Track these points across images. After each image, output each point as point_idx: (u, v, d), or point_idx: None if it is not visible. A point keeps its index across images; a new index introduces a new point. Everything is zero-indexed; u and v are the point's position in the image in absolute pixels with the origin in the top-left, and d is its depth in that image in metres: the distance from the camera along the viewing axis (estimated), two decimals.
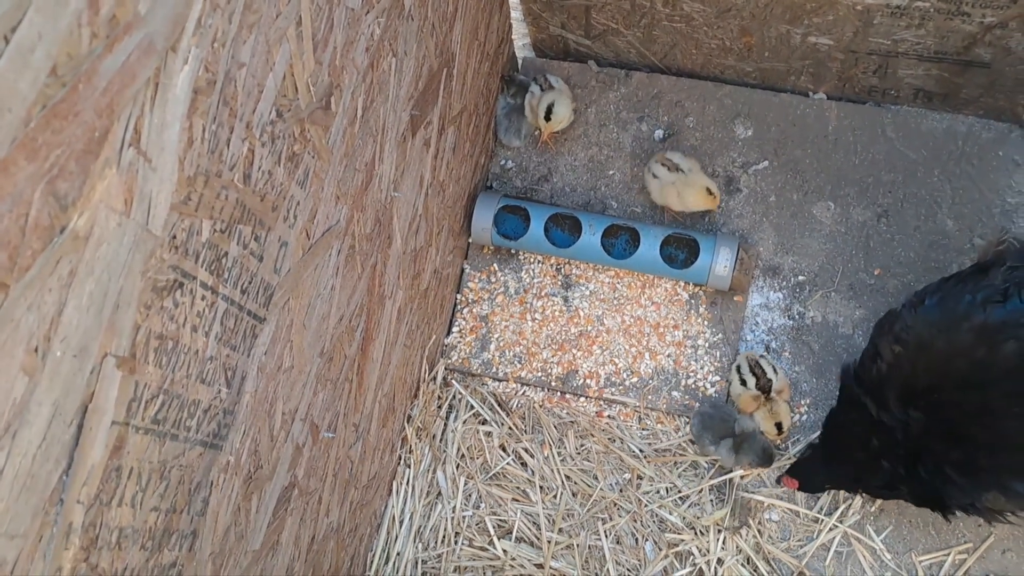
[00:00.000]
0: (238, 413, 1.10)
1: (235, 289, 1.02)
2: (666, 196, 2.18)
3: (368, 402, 1.69)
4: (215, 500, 1.08)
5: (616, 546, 2.03)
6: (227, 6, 0.88)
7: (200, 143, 0.88)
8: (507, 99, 2.36)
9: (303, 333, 1.26)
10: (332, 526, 1.61)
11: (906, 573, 1.99)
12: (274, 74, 1.01)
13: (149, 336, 0.86)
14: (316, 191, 1.20)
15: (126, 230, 0.79)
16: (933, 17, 1.85)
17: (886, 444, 1.71)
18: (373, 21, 1.29)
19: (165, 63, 0.79)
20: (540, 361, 2.21)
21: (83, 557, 0.83)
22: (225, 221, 0.96)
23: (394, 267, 1.66)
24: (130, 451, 0.87)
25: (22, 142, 0.64)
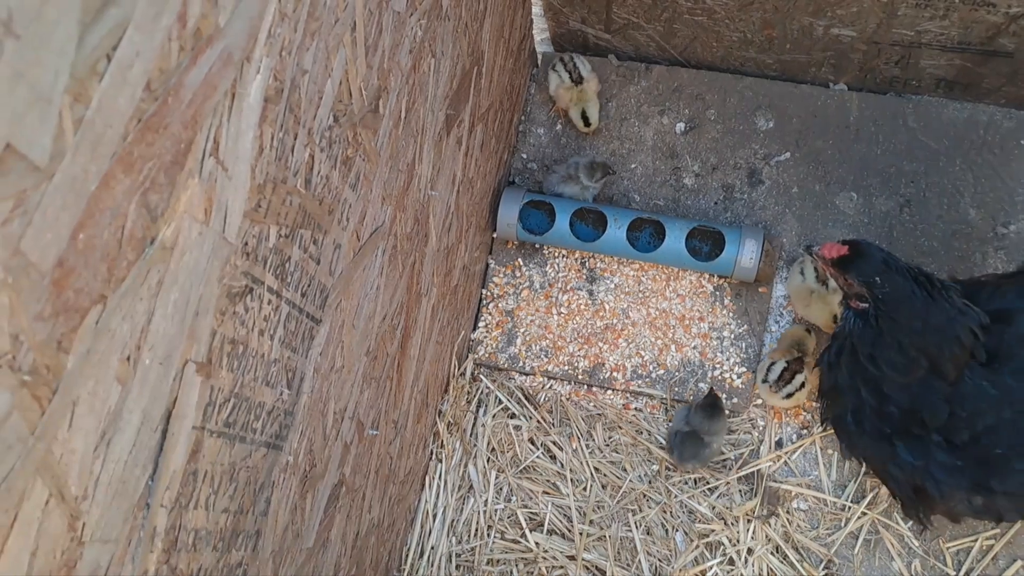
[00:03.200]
0: (296, 414, 1.11)
1: (296, 292, 1.04)
2: (800, 295, 2.09)
3: (405, 399, 1.70)
4: (276, 500, 1.10)
5: (647, 537, 2.05)
6: (293, 15, 0.89)
7: (269, 151, 0.89)
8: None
9: (352, 333, 1.27)
10: (373, 522, 1.63)
11: (934, 559, 2.01)
12: (332, 80, 1.02)
13: (223, 341, 0.88)
14: (365, 193, 1.21)
15: (206, 239, 0.80)
16: (958, 8, 1.86)
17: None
18: (416, 23, 1.29)
19: (241, 73, 0.81)
20: (566, 355, 2.23)
21: (164, 559, 0.85)
22: (289, 226, 0.98)
23: (430, 265, 1.67)
24: (205, 455, 0.89)
25: (120, 156, 0.66)
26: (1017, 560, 1.98)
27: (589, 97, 2.28)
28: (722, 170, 2.33)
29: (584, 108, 2.27)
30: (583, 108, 2.27)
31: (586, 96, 2.28)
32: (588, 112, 2.28)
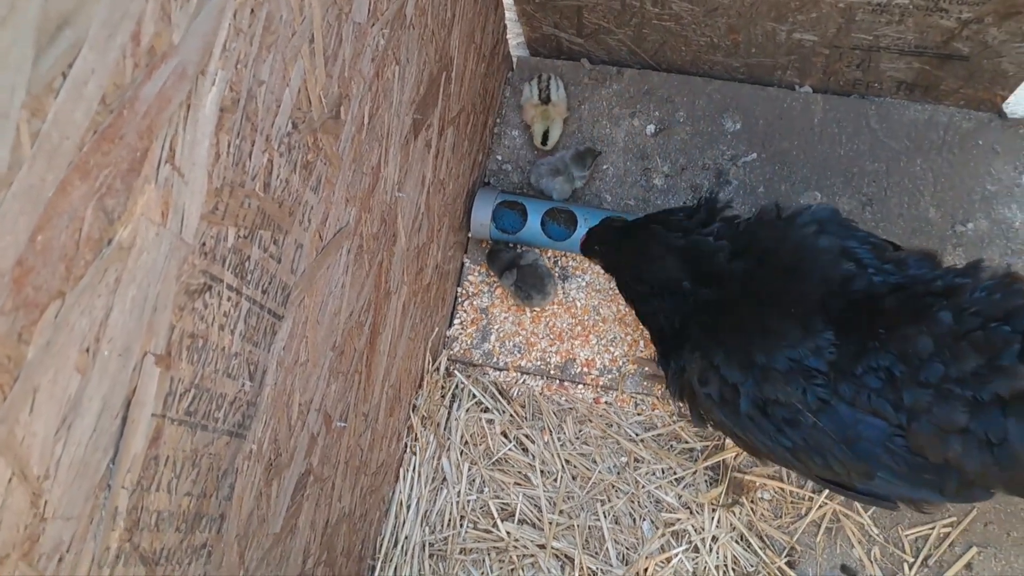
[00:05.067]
0: (260, 405, 1.18)
1: (257, 289, 1.10)
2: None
3: (376, 393, 1.76)
4: (240, 486, 1.16)
5: (615, 526, 2.12)
6: (248, 29, 0.95)
7: (226, 157, 0.96)
8: None
9: (317, 329, 1.34)
10: (344, 511, 1.69)
11: (893, 547, 2.08)
12: (290, 89, 1.08)
13: (183, 335, 0.94)
14: (328, 196, 1.27)
15: (163, 239, 0.86)
16: (912, 13, 1.93)
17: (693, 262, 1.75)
18: (378, 32, 1.36)
19: (196, 86, 0.87)
20: (539, 351, 2.30)
21: (127, 538, 0.91)
22: (248, 227, 1.04)
23: (399, 264, 1.73)
24: (166, 441, 0.95)
25: (77, 165, 0.72)
26: (973, 547, 2.05)
27: (552, 118, 2.38)
28: (691, 171, 2.39)
29: (548, 127, 2.37)
30: (547, 127, 2.37)
31: (549, 116, 2.37)
32: (551, 132, 2.38)
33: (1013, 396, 1.35)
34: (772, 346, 1.53)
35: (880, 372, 1.45)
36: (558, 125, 2.38)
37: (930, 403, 1.41)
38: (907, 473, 1.49)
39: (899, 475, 1.50)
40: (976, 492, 1.48)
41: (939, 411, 1.40)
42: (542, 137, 2.37)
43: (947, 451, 1.43)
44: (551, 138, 2.38)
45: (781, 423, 1.56)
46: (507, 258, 2.27)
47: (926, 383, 1.41)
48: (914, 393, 1.42)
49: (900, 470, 1.49)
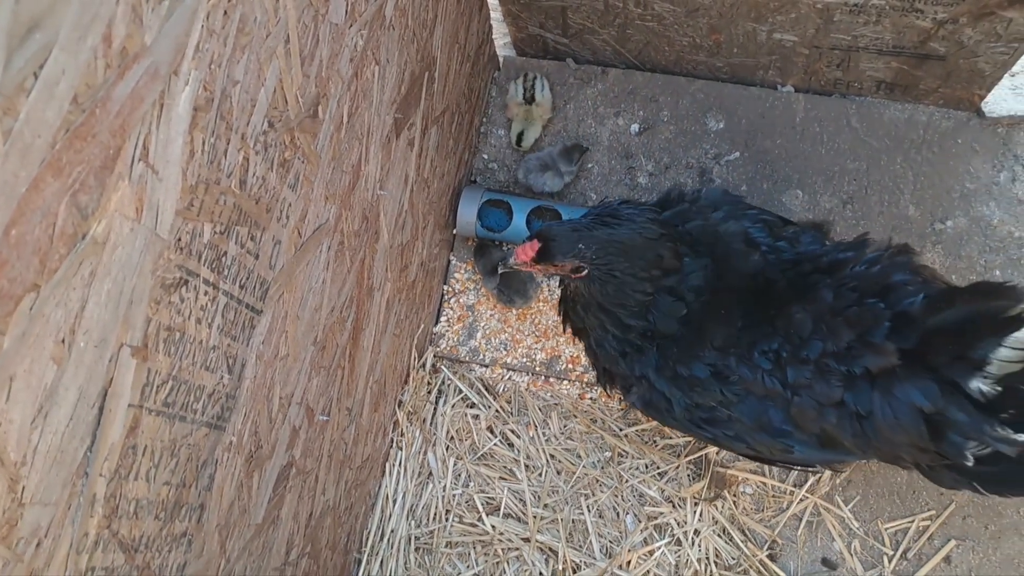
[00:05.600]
0: (239, 397, 1.21)
1: (234, 284, 1.13)
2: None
3: (360, 388, 1.79)
4: (220, 476, 1.19)
5: (599, 519, 2.15)
6: (222, 31, 0.98)
7: (200, 155, 0.98)
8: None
9: (297, 323, 1.36)
10: (329, 504, 1.72)
11: (873, 540, 2.11)
12: (265, 89, 1.11)
13: (159, 328, 0.97)
14: (306, 193, 1.30)
15: (138, 234, 0.89)
16: (889, 14, 1.96)
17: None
18: (356, 33, 1.38)
19: (169, 86, 0.90)
20: (524, 348, 2.33)
21: (106, 524, 0.94)
22: (224, 223, 1.07)
23: (381, 261, 1.76)
24: (144, 431, 0.98)
25: (49, 162, 0.75)
26: (951, 540, 2.08)
27: (534, 119, 2.41)
28: (675, 169, 2.42)
29: (524, 128, 2.40)
30: (523, 128, 2.40)
31: (531, 117, 2.40)
32: (526, 134, 2.41)
33: (880, 372, 1.43)
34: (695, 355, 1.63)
35: (770, 354, 1.54)
36: (536, 128, 2.41)
37: (810, 379, 1.50)
38: (816, 443, 1.59)
39: (811, 445, 1.60)
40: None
41: (818, 386, 1.49)
42: (517, 138, 2.40)
43: (823, 423, 1.52)
44: (526, 139, 2.41)
45: (702, 422, 1.67)
46: (496, 258, 2.30)
47: (807, 360, 1.50)
48: (796, 370, 1.51)
49: (810, 441, 1.59)
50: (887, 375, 1.43)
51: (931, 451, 1.46)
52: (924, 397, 1.40)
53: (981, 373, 1.36)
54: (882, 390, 1.44)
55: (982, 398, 1.37)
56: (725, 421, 1.64)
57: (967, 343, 1.37)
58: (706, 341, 1.62)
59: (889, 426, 1.45)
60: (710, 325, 1.63)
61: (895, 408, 1.43)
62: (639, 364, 1.70)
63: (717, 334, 1.61)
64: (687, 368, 1.64)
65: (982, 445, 1.41)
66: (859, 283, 1.48)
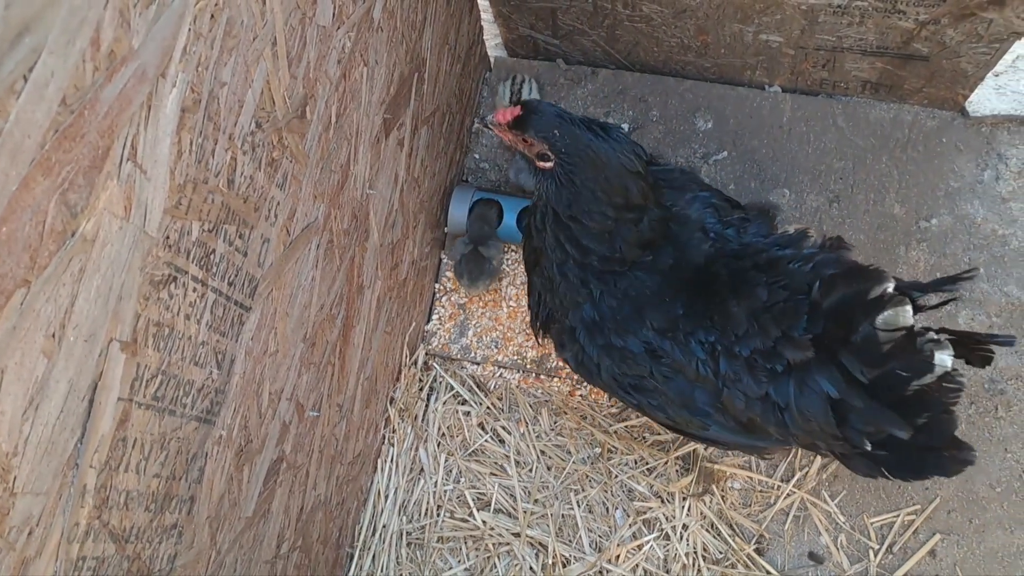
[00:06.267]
0: (228, 392, 1.23)
1: (223, 281, 1.15)
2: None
3: (351, 384, 1.82)
4: (210, 469, 1.22)
5: (588, 514, 2.17)
6: (209, 34, 1.01)
7: (188, 154, 1.01)
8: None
9: (286, 320, 1.39)
10: (320, 498, 1.75)
11: (859, 534, 2.14)
12: (253, 90, 1.14)
13: (148, 323, 0.99)
14: (294, 192, 1.33)
15: (126, 232, 0.92)
16: (872, 15, 1.98)
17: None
18: (344, 35, 1.41)
19: (156, 88, 0.92)
20: (516, 345, 2.35)
21: (96, 515, 0.97)
22: (212, 222, 1.09)
23: (372, 259, 1.79)
24: (134, 424, 1.01)
25: (39, 162, 0.77)
26: (936, 534, 2.10)
27: None
28: None
29: None
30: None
31: None
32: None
33: (796, 365, 1.49)
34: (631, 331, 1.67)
35: (706, 345, 1.60)
36: None
37: (739, 374, 1.56)
38: (735, 427, 1.67)
39: (729, 429, 1.68)
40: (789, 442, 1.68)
41: (746, 380, 1.56)
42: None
43: (750, 413, 1.59)
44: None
45: (629, 388, 1.73)
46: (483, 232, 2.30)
47: (738, 356, 1.56)
48: (728, 363, 1.57)
49: (729, 425, 1.67)
50: (803, 366, 1.49)
51: (839, 438, 1.50)
52: (832, 385, 1.45)
53: None
54: (798, 381, 1.51)
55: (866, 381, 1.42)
56: (651, 391, 1.70)
57: (849, 327, 1.41)
58: (645, 320, 1.66)
59: (803, 415, 1.51)
60: (652, 305, 1.66)
61: (808, 398, 1.49)
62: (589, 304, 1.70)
63: (657, 316, 1.65)
64: (622, 340, 1.68)
65: (877, 430, 1.45)
66: (791, 280, 1.53)
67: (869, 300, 1.39)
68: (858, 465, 1.63)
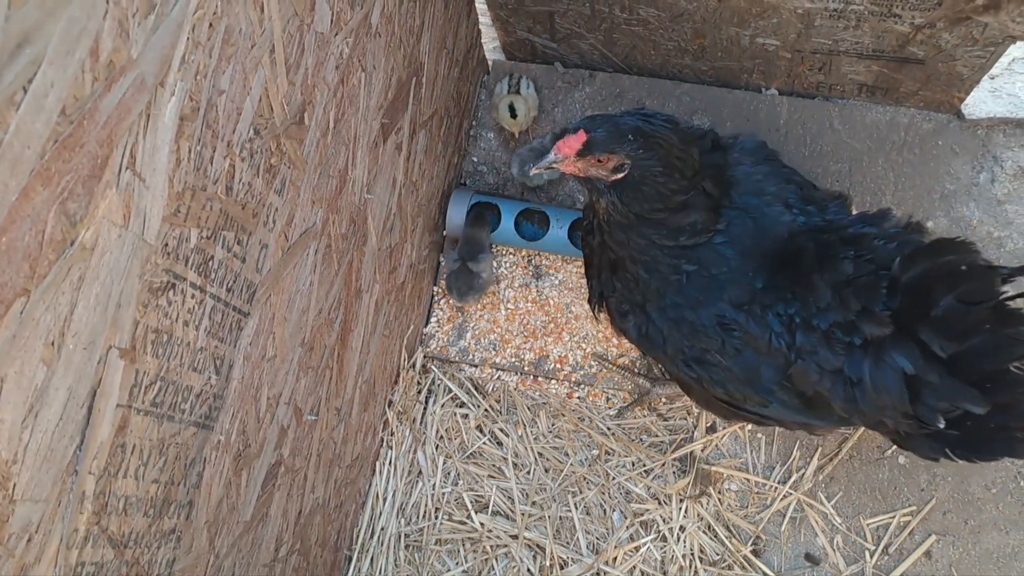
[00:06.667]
0: (227, 397, 1.24)
1: (221, 287, 1.16)
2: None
3: (349, 388, 1.83)
4: (208, 474, 1.22)
5: (586, 516, 2.18)
6: (207, 42, 1.01)
7: (187, 162, 1.02)
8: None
9: (284, 325, 1.40)
10: (318, 502, 1.75)
11: (855, 535, 2.15)
12: (251, 97, 1.14)
13: (147, 330, 1.00)
14: (293, 198, 1.33)
15: (125, 240, 0.92)
16: (868, 19, 1.99)
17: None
18: (342, 41, 1.42)
19: (155, 97, 0.93)
20: (513, 348, 2.36)
21: (95, 521, 0.97)
22: (211, 229, 1.10)
23: (370, 263, 1.80)
24: (133, 430, 1.01)
25: (38, 172, 0.78)
26: (932, 535, 2.11)
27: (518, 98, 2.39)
28: None
29: (512, 101, 2.36)
30: (511, 101, 2.36)
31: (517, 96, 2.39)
32: (516, 106, 2.36)
33: (872, 340, 1.49)
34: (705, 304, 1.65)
35: (784, 318, 1.59)
36: (522, 103, 2.39)
37: (815, 346, 1.56)
38: (797, 405, 1.67)
39: (790, 407, 1.68)
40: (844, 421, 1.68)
41: (822, 353, 1.55)
42: (509, 110, 2.36)
43: (819, 386, 1.58)
44: (519, 112, 2.36)
45: (691, 361, 1.72)
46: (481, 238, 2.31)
47: (816, 328, 1.56)
48: (805, 336, 1.57)
49: (792, 402, 1.67)
50: (879, 341, 1.49)
51: (911, 415, 1.50)
52: (908, 361, 1.45)
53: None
54: (873, 356, 1.50)
55: (945, 356, 1.42)
56: (714, 365, 1.68)
57: (929, 300, 1.41)
58: (724, 293, 1.64)
59: (877, 391, 1.50)
60: (732, 279, 1.64)
61: (883, 373, 1.48)
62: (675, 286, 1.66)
63: (736, 290, 1.64)
64: (694, 313, 1.66)
65: (952, 407, 1.45)
66: (876, 256, 1.53)
67: (953, 272, 1.39)
68: (920, 445, 1.61)
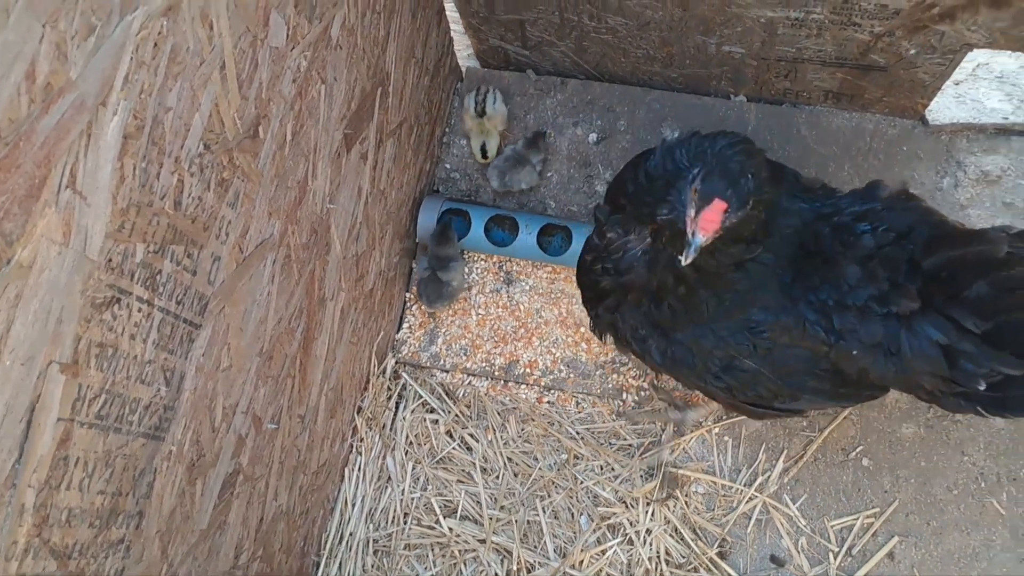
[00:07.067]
0: (178, 408, 1.25)
1: (170, 300, 1.17)
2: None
3: (313, 395, 1.84)
4: (160, 484, 1.24)
5: (553, 520, 2.20)
6: (152, 61, 1.03)
7: (132, 179, 1.03)
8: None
9: (240, 336, 1.41)
10: (281, 509, 1.77)
11: (819, 537, 2.17)
12: (200, 113, 1.16)
13: (90, 345, 1.02)
14: (247, 210, 1.35)
15: (66, 258, 0.94)
16: (828, 28, 2.02)
17: None
18: (299, 55, 1.43)
19: (96, 117, 0.94)
20: (484, 353, 2.38)
21: (36, 533, 0.99)
22: (158, 243, 1.12)
23: (334, 272, 1.81)
24: (76, 443, 1.03)
25: None
26: (895, 536, 2.14)
27: (487, 131, 2.44)
28: None
29: (484, 141, 2.44)
30: (483, 141, 2.44)
31: (484, 129, 2.44)
32: (488, 144, 2.45)
33: (905, 311, 1.54)
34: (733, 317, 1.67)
35: (815, 304, 1.62)
36: (495, 137, 2.45)
37: (854, 324, 1.59)
38: (829, 390, 1.72)
39: (822, 393, 1.73)
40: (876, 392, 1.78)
41: (863, 329, 1.58)
42: (480, 151, 2.45)
43: (862, 362, 1.62)
44: (490, 150, 2.45)
45: (719, 372, 1.74)
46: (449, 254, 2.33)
47: (851, 306, 1.59)
48: (841, 318, 1.59)
49: (824, 388, 1.71)
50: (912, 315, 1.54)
51: (947, 378, 1.56)
52: (941, 333, 1.51)
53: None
54: (907, 327, 1.55)
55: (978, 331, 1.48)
56: (743, 370, 1.71)
57: (960, 285, 1.49)
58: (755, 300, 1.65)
59: (916, 359, 1.55)
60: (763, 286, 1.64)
61: (920, 343, 1.54)
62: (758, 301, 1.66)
63: (767, 293, 1.65)
64: (723, 325, 1.68)
65: (992, 372, 1.50)
66: (890, 224, 1.59)
67: (987, 260, 1.45)
68: (951, 403, 1.64)
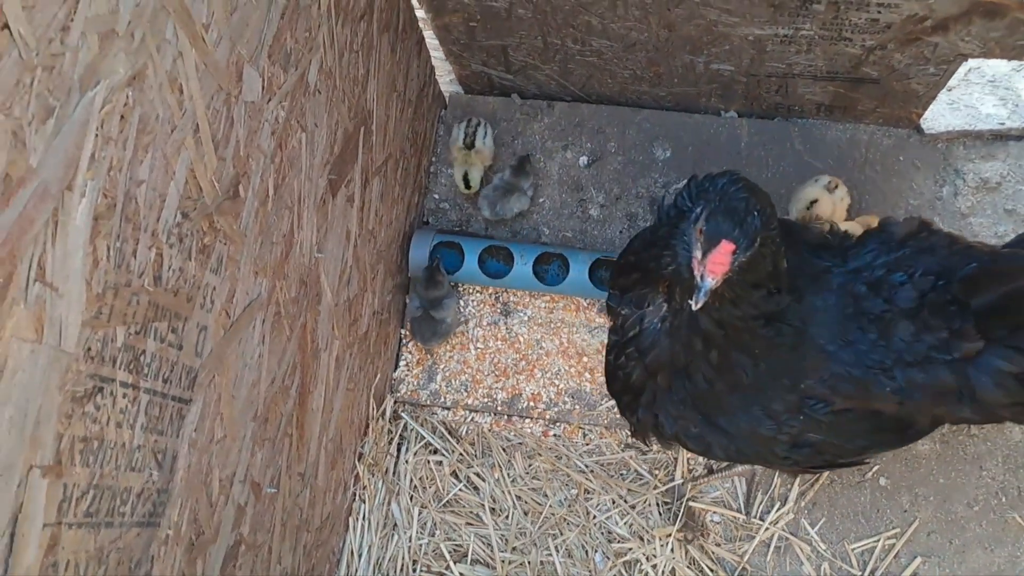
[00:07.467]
0: (173, 490, 1.19)
1: (156, 380, 1.11)
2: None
3: (312, 450, 1.78)
4: (158, 571, 1.17)
5: (567, 560, 2.14)
6: (120, 135, 0.97)
7: (106, 261, 0.97)
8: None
9: (233, 403, 1.35)
10: (286, 571, 1.70)
11: (840, 561, 2.12)
12: (175, 181, 1.10)
13: (73, 441, 0.95)
14: (232, 273, 1.29)
15: (39, 355, 0.88)
16: (819, 43, 1.97)
17: None
18: (276, 106, 1.38)
19: (62, 202, 0.88)
20: (485, 388, 2.32)
21: None
22: (139, 323, 1.05)
23: (327, 321, 1.75)
24: (65, 546, 0.96)
25: None
26: (917, 557, 2.09)
27: (473, 163, 2.39)
28: (625, 200, 2.43)
29: (467, 171, 2.38)
30: (466, 170, 2.38)
31: (471, 161, 2.39)
32: (470, 175, 2.39)
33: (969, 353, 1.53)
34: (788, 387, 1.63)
35: (876, 367, 1.58)
36: (478, 168, 2.40)
37: (921, 377, 1.56)
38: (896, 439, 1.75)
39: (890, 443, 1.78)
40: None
41: (931, 380, 1.55)
42: (464, 182, 2.39)
43: (936, 410, 1.62)
44: (472, 181, 2.39)
45: (786, 453, 1.70)
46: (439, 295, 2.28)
47: (913, 362, 1.56)
48: (906, 373, 1.56)
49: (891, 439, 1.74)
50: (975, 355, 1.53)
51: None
52: (1008, 363, 1.51)
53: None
54: (973, 366, 1.54)
55: None
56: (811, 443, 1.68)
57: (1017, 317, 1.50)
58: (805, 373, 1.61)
59: (992, 394, 1.54)
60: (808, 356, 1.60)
61: (992, 378, 1.53)
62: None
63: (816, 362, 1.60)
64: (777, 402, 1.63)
65: None
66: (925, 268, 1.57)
67: None
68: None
